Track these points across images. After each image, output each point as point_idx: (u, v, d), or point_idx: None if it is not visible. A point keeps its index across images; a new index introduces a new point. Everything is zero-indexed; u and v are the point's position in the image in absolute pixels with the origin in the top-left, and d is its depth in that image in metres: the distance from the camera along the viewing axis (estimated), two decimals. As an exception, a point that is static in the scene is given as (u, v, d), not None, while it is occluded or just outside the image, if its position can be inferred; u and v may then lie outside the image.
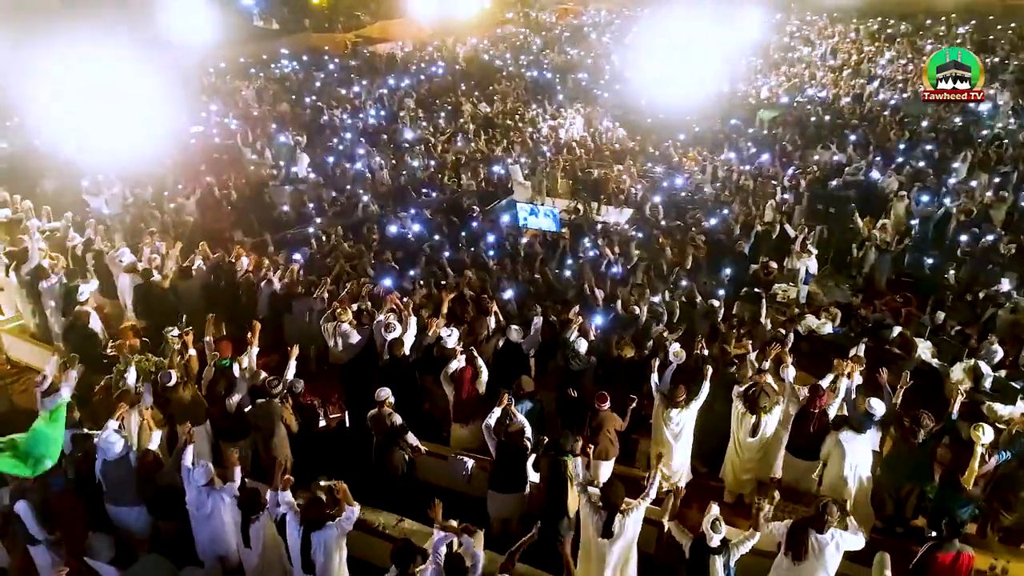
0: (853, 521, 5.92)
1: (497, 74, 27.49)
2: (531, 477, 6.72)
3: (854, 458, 6.81)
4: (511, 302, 10.01)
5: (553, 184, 16.83)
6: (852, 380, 7.27)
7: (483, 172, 16.93)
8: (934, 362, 8.96)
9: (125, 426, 6.90)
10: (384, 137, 19.63)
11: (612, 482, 5.98)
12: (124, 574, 5.64)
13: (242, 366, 7.76)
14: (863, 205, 13.90)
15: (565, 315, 8.99)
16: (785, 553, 5.59)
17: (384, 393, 7.09)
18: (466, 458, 7.33)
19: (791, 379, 7.24)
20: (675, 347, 7.83)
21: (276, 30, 37.76)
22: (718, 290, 10.62)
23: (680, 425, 7.10)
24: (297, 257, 11.21)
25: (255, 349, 7.98)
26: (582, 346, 7.98)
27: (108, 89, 15.52)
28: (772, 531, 5.60)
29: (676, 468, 7.25)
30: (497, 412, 6.79)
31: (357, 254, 11.76)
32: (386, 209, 14.39)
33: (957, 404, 6.85)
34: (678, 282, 10.90)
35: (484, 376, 7.70)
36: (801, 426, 6.98)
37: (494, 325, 8.69)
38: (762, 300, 10.32)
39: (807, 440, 6.97)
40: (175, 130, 17.41)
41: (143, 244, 10.94)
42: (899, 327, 9.54)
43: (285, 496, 5.66)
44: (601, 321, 9.02)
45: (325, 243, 12.46)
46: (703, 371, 7.28)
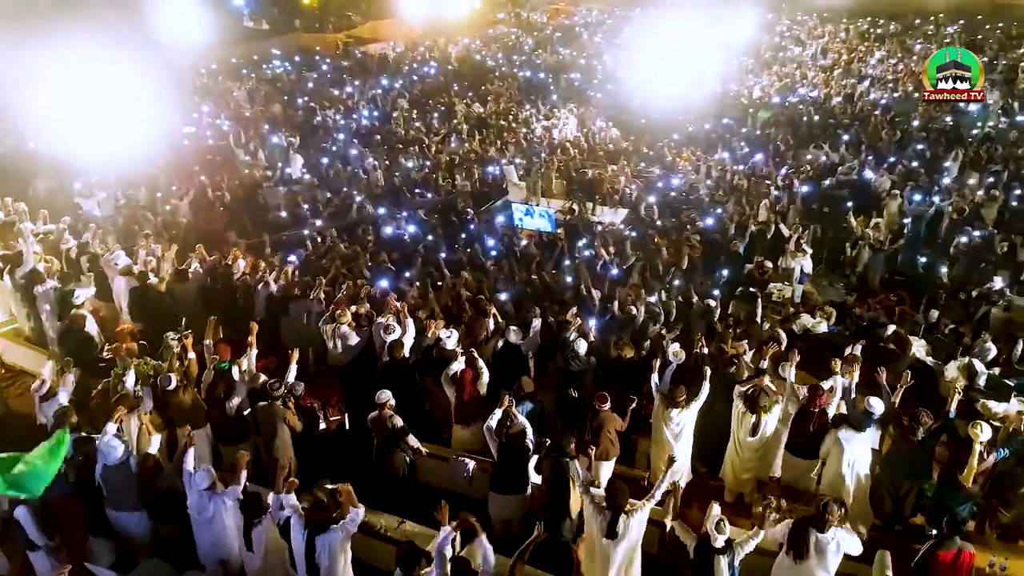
0: (848, 527, 5.95)
1: (490, 74, 27.48)
2: (532, 478, 6.74)
3: (853, 456, 6.85)
4: (508, 303, 10.02)
5: (548, 184, 16.82)
6: (851, 379, 7.32)
7: (477, 173, 16.92)
8: (928, 360, 9.04)
9: (124, 430, 6.89)
10: (378, 138, 19.60)
11: (615, 483, 5.99)
12: (124, 579, 5.64)
13: (241, 369, 7.75)
14: (856, 204, 13.97)
15: (563, 316, 9.02)
16: (786, 552, 5.62)
17: (385, 395, 7.09)
18: (467, 460, 7.34)
19: (792, 378, 7.28)
20: (675, 347, 7.85)
21: (266, 30, 37.67)
22: (713, 290, 10.66)
23: (680, 425, 7.12)
24: (292, 259, 11.20)
25: (254, 352, 7.97)
26: (582, 347, 8.00)
27: (100, 90, 15.41)
28: (774, 531, 5.62)
29: (677, 468, 7.19)
30: (498, 414, 6.80)
31: (353, 256, 11.75)
32: (380, 210, 14.36)
33: (955, 403, 6.91)
34: (673, 282, 10.93)
35: (485, 377, 7.71)
36: (801, 425, 7.01)
37: (493, 326, 8.69)
38: (757, 300, 10.38)
39: (807, 439, 7.01)
40: (167, 132, 17.34)
41: (138, 246, 10.88)
42: (893, 326, 9.61)
43: (289, 499, 5.65)
44: (598, 322, 9.05)
45: (320, 245, 12.44)
46: (702, 371, 7.32)
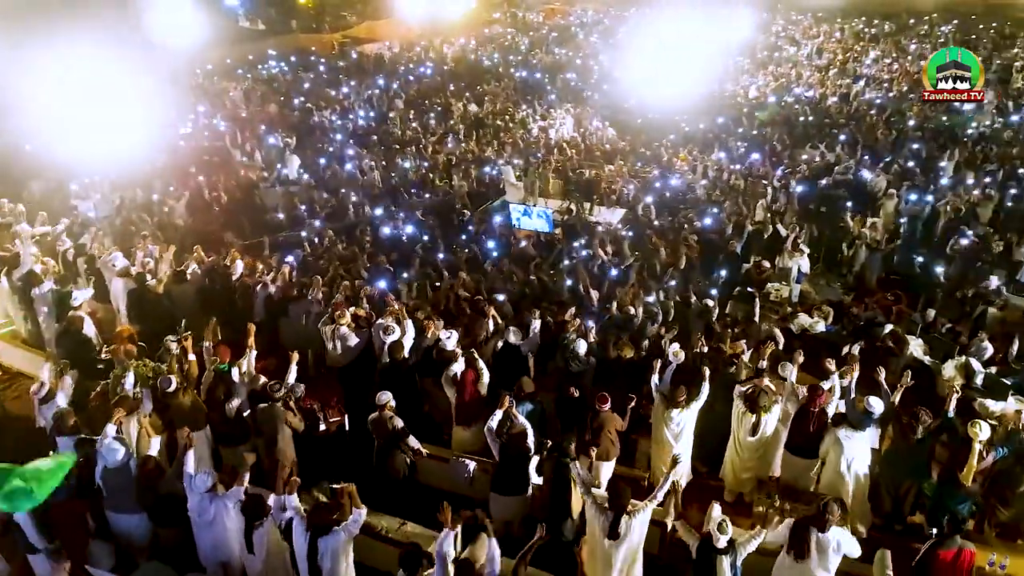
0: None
1: (486, 74, 27.48)
2: (533, 479, 6.75)
3: (852, 456, 6.87)
4: (506, 303, 10.02)
5: (545, 185, 16.82)
6: (851, 378, 7.34)
7: (475, 173, 16.92)
8: (926, 359, 9.06)
9: (123, 432, 6.87)
10: (374, 138, 19.58)
11: (618, 483, 6.00)
12: (125, 582, 5.62)
13: (241, 371, 7.74)
14: (853, 204, 14.01)
15: (561, 316, 9.04)
16: (787, 552, 5.63)
17: (385, 397, 7.08)
18: (468, 461, 7.34)
19: (793, 378, 7.30)
20: (674, 347, 7.87)
21: (262, 31, 37.52)
22: (711, 289, 10.68)
23: (681, 426, 7.13)
24: (290, 259, 11.18)
25: (253, 353, 7.96)
26: (581, 347, 8.00)
27: (96, 91, 15.34)
28: (775, 531, 5.64)
29: (677, 469, 7.25)
30: (499, 415, 6.79)
31: (351, 257, 11.73)
32: (378, 210, 14.35)
33: (953, 402, 6.94)
34: (671, 282, 10.94)
35: (486, 378, 7.71)
36: (800, 425, 7.03)
37: (493, 327, 8.69)
38: (755, 299, 10.41)
39: (806, 439, 7.03)
40: (163, 132, 17.29)
41: (136, 248, 10.85)
42: (890, 325, 9.64)
43: (292, 500, 5.64)
44: (598, 322, 9.06)
45: (318, 246, 12.42)
46: (701, 372, 7.32)
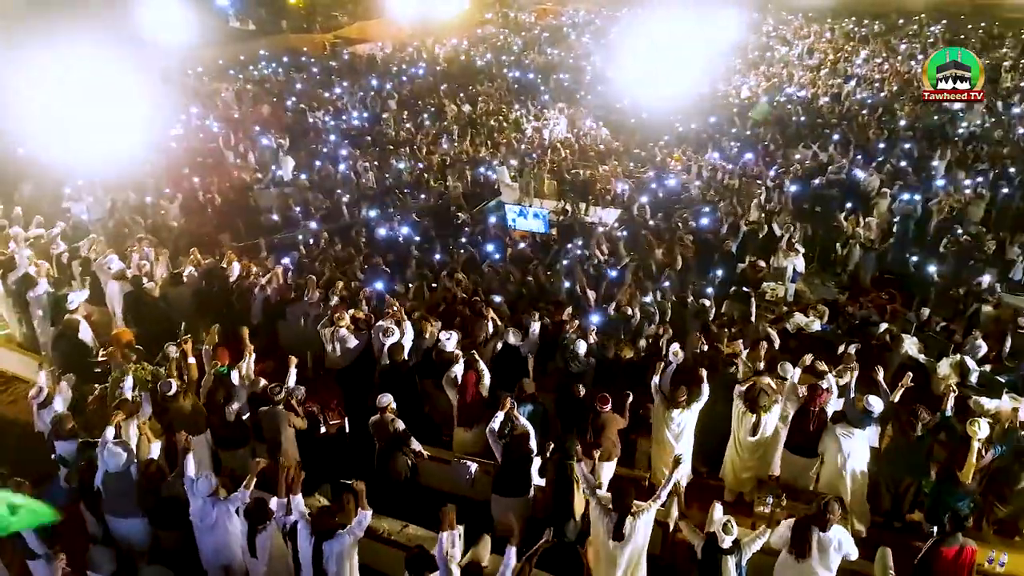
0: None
1: (479, 75, 27.47)
2: (535, 480, 6.75)
3: (850, 454, 6.90)
4: (502, 304, 10.02)
5: (540, 185, 16.84)
6: (852, 377, 7.38)
7: (469, 174, 16.91)
8: (921, 358, 9.13)
9: (123, 435, 6.84)
10: (368, 139, 19.55)
11: (622, 484, 6.02)
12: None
13: (240, 374, 7.71)
14: (847, 203, 14.10)
15: (558, 316, 9.05)
16: (789, 551, 5.65)
17: (386, 399, 7.07)
18: (469, 462, 7.34)
19: (796, 378, 7.34)
20: (674, 347, 7.90)
21: (253, 31, 37.43)
22: (707, 288, 10.73)
23: (681, 426, 7.14)
24: (285, 261, 11.15)
25: (251, 356, 7.93)
26: (581, 348, 8.02)
27: (88, 93, 15.26)
28: (777, 531, 5.67)
29: (678, 470, 7.26)
30: (500, 416, 6.79)
31: (347, 258, 11.72)
32: (373, 212, 14.34)
33: (951, 400, 7.00)
34: (666, 282, 10.97)
35: (487, 379, 7.71)
36: (801, 424, 7.07)
37: (492, 328, 8.69)
38: (751, 299, 10.46)
39: (806, 438, 7.06)
40: (156, 134, 17.20)
41: (132, 250, 10.80)
42: (885, 324, 9.72)
43: (299, 503, 5.63)
44: (600, 322, 9.08)
45: (314, 247, 12.40)
46: (698, 373, 7.32)
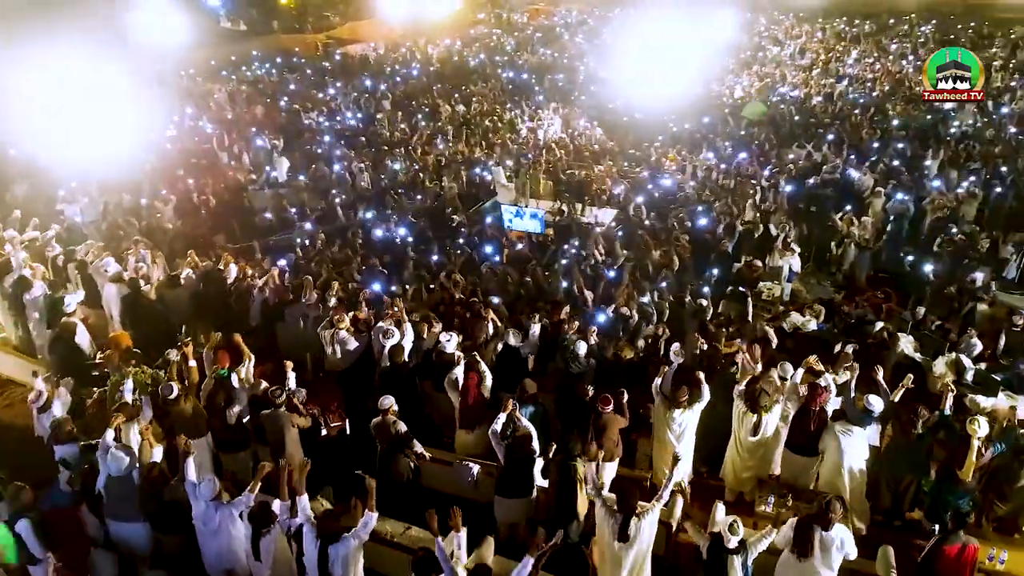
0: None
1: (472, 75, 27.45)
2: (538, 481, 6.76)
3: (850, 451, 6.95)
4: (500, 305, 10.03)
5: (536, 186, 16.85)
6: (852, 376, 7.42)
7: (465, 175, 16.90)
8: (917, 356, 9.20)
9: (123, 439, 6.81)
10: (363, 140, 19.51)
11: (626, 485, 6.03)
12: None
13: (240, 377, 7.68)
14: (841, 203, 14.17)
15: (556, 317, 9.07)
16: (791, 550, 5.68)
17: (388, 401, 7.06)
18: (471, 464, 7.34)
19: (798, 379, 7.38)
20: (675, 347, 7.92)
21: (244, 31, 37.35)
22: (703, 287, 10.76)
23: (683, 426, 7.16)
24: (282, 263, 11.12)
25: (251, 361, 7.90)
26: (581, 349, 8.04)
27: (80, 94, 15.17)
28: (780, 530, 5.70)
29: (679, 470, 7.28)
30: (502, 418, 6.80)
31: (344, 260, 11.70)
32: (368, 212, 14.32)
33: (950, 399, 7.05)
34: (663, 282, 11.01)
35: (488, 380, 7.72)
36: (801, 423, 7.11)
37: (492, 329, 8.70)
38: (748, 299, 10.50)
39: (807, 437, 7.10)
40: (149, 135, 17.13)
41: (129, 253, 10.75)
42: (881, 322, 9.78)
43: (304, 504, 5.62)
44: (601, 323, 9.10)
45: (310, 249, 12.37)
46: (696, 375, 7.33)
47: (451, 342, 8.18)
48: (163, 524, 6.44)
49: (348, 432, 8.13)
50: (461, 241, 12.85)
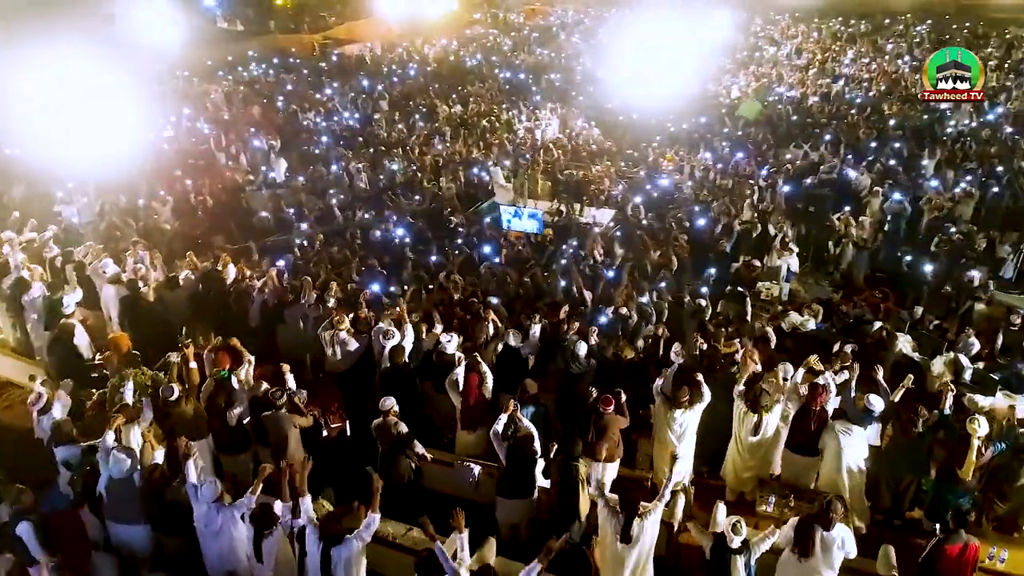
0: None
1: (469, 75, 27.43)
2: (540, 482, 6.76)
3: (849, 451, 6.96)
4: (499, 306, 10.03)
5: (534, 186, 16.85)
6: (852, 375, 7.44)
7: (463, 175, 16.89)
8: (915, 356, 9.23)
9: (123, 440, 6.79)
10: (361, 140, 19.49)
11: (627, 486, 6.04)
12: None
13: (239, 379, 7.67)
14: (839, 203, 14.21)
15: (555, 317, 9.07)
16: (792, 550, 5.70)
17: (389, 403, 7.06)
18: (473, 465, 7.34)
19: (799, 379, 7.39)
20: (676, 347, 7.93)
21: (240, 32, 37.25)
22: (701, 287, 10.78)
23: (684, 426, 7.16)
24: (280, 264, 11.10)
25: (250, 366, 7.89)
26: (582, 349, 8.04)
27: (78, 95, 15.11)
28: (781, 530, 5.72)
29: (680, 470, 7.26)
30: (504, 419, 6.80)
31: (343, 260, 11.68)
32: (365, 212, 14.30)
33: (950, 399, 7.08)
34: (662, 282, 11.02)
35: (490, 381, 7.71)
36: (802, 423, 7.13)
37: (493, 330, 8.70)
38: (746, 299, 10.52)
39: (807, 437, 7.12)
40: (147, 136, 17.07)
41: (128, 254, 10.72)
42: (879, 322, 9.81)
43: (307, 505, 5.61)
44: (603, 324, 9.11)
45: (308, 249, 12.35)
46: (694, 377, 7.32)
47: (452, 343, 8.18)
48: (164, 526, 6.42)
49: (348, 433, 8.12)
50: (459, 241, 12.84)
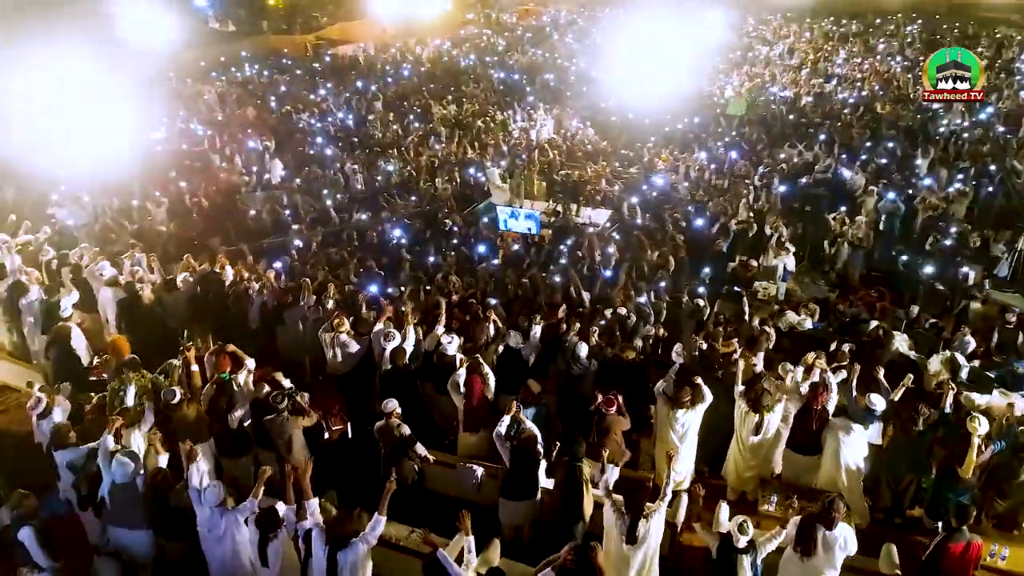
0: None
1: (463, 76, 27.41)
2: (543, 483, 6.77)
3: (849, 450, 7.01)
4: (497, 306, 10.03)
5: (530, 186, 16.84)
6: (853, 375, 7.48)
7: (458, 176, 16.88)
8: (911, 354, 9.27)
9: (124, 443, 6.76)
10: (355, 140, 19.44)
11: (632, 487, 6.06)
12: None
13: (239, 382, 7.64)
14: (834, 202, 14.27)
15: (553, 318, 9.08)
16: (794, 549, 5.72)
17: (391, 404, 7.05)
18: (476, 466, 7.33)
19: (799, 378, 7.42)
20: (677, 347, 7.95)
21: (233, 32, 37.08)
22: (698, 287, 10.81)
23: (685, 426, 7.19)
24: (277, 265, 11.07)
25: (250, 373, 7.86)
26: (583, 350, 8.05)
27: (70, 96, 15.03)
28: (786, 531, 5.74)
29: (681, 470, 7.30)
30: (507, 420, 6.81)
31: (341, 262, 11.66)
32: (363, 215, 14.27)
33: (950, 398, 7.12)
34: (660, 283, 11.05)
35: (492, 383, 7.70)
36: (803, 423, 7.17)
37: (494, 331, 8.70)
38: (743, 298, 10.55)
39: (808, 437, 7.16)
40: (140, 138, 16.97)
41: (125, 257, 10.67)
42: (875, 321, 9.86)
43: (313, 508, 5.60)
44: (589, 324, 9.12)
45: (305, 251, 12.31)
46: (693, 378, 7.34)
47: (452, 344, 8.17)
48: (167, 530, 6.41)
49: (350, 436, 8.10)
50: (456, 242, 12.83)
